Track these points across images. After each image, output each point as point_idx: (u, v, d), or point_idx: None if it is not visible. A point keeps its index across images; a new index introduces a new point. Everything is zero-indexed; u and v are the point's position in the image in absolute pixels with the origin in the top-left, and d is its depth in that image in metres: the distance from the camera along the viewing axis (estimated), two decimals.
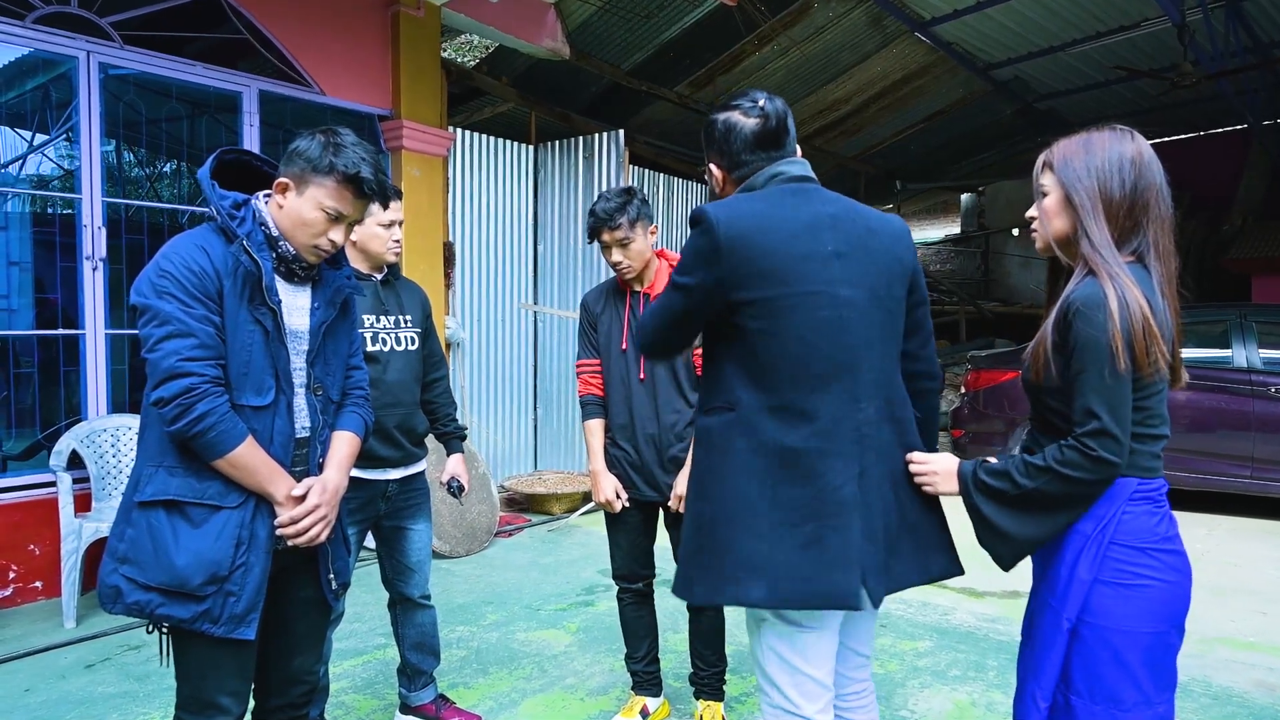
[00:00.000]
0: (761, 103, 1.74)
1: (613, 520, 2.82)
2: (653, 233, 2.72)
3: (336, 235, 1.80)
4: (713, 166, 1.81)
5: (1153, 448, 1.58)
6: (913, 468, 1.72)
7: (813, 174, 1.77)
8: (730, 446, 1.63)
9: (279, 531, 1.74)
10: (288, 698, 1.92)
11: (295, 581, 1.86)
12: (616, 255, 2.67)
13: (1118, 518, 1.54)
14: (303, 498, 1.76)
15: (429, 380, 2.83)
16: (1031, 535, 1.60)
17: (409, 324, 2.72)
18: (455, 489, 2.89)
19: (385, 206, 2.52)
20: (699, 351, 2.61)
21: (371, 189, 1.79)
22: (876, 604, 1.64)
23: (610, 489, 2.72)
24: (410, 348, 2.71)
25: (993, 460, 1.68)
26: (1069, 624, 1.56)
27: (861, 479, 1.62)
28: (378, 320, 2.64)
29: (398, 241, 2.63)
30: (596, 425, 2.79)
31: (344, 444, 1.91)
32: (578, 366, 2.85)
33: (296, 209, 1.76)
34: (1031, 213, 1.69)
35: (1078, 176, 1.59)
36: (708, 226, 1.62)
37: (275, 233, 1.78)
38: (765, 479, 1.60)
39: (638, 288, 2.75)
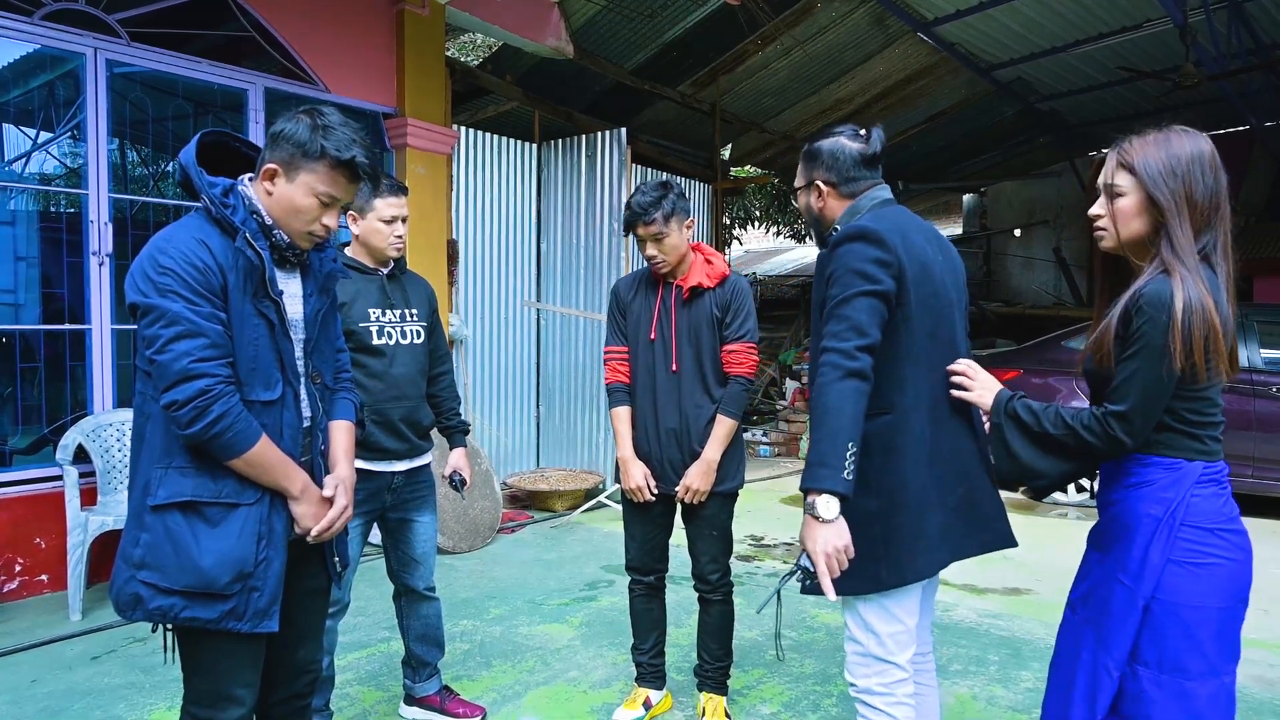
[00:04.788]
0: (862, 130, 1.97)
1: (630, 511, 2.80)
2: (688, 226, 2.70)
3: (330, 220, 1.74)
4: (819, 184, 1.97)
5: (1214, 432, 1.64)
6: (958, 365, 1.87)
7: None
8: (893, 444, 1.81)
9: (310, 538, 1.76)
10: (293, 689, 1.93)
11: (300, 572, 1.86)
12: (651, 249, 2.66)
13: (1186, 501, 1.60)
14: (331, 500, 1.79)
15: (434, 374, 2.84)
16: (1036, 469, 1.74)
17: (415, 318, 2.73)
18: (457, 483, 2.91)
19: (376, 186, 2.51)
20: (727, 348, 2.65)
21: (366, 172, 1.73)
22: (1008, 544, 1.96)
23: (639, 475, 2.68)
24: (416, 341, 2.72)
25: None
26: (1144, 601, 1.62)
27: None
28: (384, 314, 2.64)
29: (400, 237, 2.63)
30: (624, 413, 2.76)
31: (344, 434, 1.93)
32: (605, 352, 2.82)
33: (288, 196, 1.70)
34: (1097, 210, 1.68)
35: (1163, 178, 1.57)
36: (877, 237, 1.78)
37: (269, 220, 1.73)
38: (925, 463, 1.82)
39: (672, 280, 2.74)
